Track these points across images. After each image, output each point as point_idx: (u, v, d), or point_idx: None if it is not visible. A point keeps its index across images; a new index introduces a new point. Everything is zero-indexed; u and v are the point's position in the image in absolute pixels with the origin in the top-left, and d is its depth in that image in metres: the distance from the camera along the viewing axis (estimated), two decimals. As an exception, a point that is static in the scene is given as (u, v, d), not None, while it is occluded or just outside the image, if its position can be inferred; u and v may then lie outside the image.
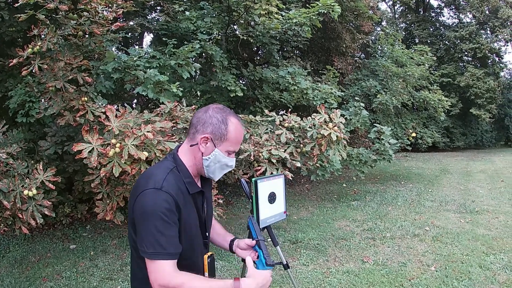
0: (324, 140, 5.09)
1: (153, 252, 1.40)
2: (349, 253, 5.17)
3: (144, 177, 1.51)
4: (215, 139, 1.55)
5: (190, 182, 1.56)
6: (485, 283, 4.16)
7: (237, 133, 1.59)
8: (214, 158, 1.56)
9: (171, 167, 1.54)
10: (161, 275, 1.39)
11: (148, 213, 1.41)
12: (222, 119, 1.56)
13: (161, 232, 1.40)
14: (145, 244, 1.40)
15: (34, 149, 5.36)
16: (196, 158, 1.58)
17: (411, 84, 12.34)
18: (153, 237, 1.39)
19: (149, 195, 1.43)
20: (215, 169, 1.60)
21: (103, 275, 4.57)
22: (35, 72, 4.17)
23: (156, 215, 1.40)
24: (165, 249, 1.40)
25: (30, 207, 3.95)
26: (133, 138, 3.60)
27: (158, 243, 1.39)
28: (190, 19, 6.89)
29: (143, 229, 1.42)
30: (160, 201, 1.41)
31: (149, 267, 1.41)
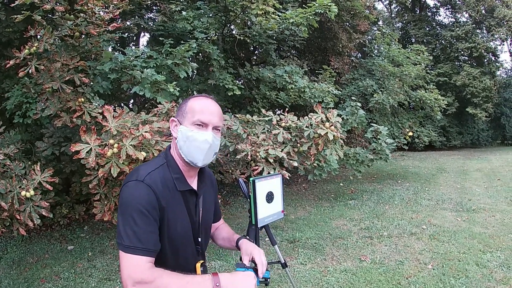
0: (321, 139, 5.11)
1: (128, 245, 1.32)
2: (346, 252, 5.19)
3: (132, 172, 1.47)
4: (179, 118, 1.52)
5: (178, 178, 1.50)
6: (482, 281, 4.18)
7: (198, 103, 1.51)
8: (180, 135, 1.49)
9: (161, 163, 1.50)
10: (137, 270, 1.30)
11: (127, 205, 1.35)
12: (186, 101, 1.54)
13: (139, 225, 1.33)
14: (122, 237, 1.33)
15: (31, 150, 5.35)
16: (176, 147, 1.53)
17: (407, 83, 12.37)
18: (130, 229, 1.33)
19: (130, 187, 1.38)
20: (188, 149, 1.48)
21: (102, 275, 4.57)
22: (32, 73, 4.16)
23: (135, 207, 1.34)
24: (143, 243, 1.33)
25: (27, 208, 3.95)
26: (131, 139, 3.60)
27: (135, 237, 1.32)
28: (187, 19, 6.89)
29: (121, 220, 1.35)
30: (140, 193, 1.36)
31: (123, 261, 1.32)
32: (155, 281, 1.29)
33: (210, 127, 1.49)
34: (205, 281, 1.35)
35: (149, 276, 1.30)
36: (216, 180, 1.85)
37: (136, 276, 1.29)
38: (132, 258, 1.31)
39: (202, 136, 1.47)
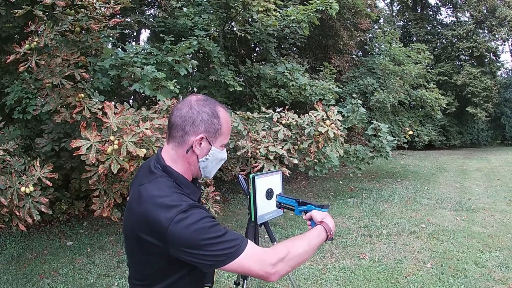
0: (321, 137, 5.11)
1: (234, 250, 1.25)
2: (345, 250, 5.19)
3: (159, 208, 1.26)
4: (209, 137, 1.39)
5: (193, 191, 1.42)
6: (480, 280, 4.19)
7: (229, 124, 1.46)
8: (212, 157, 1.42)
9: (169, 183, 1.35)
10: (262, 255, 1.28)
11: (196, 237, 1.23)
12: (212, 113, 1.38)
13: (221, 234, 1.26)
14: (219, 254, 1.24)
15: (31, 146, 5.34)
16: (191, 163, 1.41)
17: (408, 82, 12.35)
18: (222, 241, 1.25)
19: (183, 221, 1.23)
20: (212, 168, 1.46)
21: (100, 271, 4.57)
22: (33, 68, 4.15)
23: (205, 229, 1.24)
24: (239, 237, 1.29)
25: (27, 204, 3.95)
26: (131, 135, 3.60)
27: (229, 241, 1.26)
28: (188, 15, 6.87)
29: (204, 251, 1.23)
30: (196, 217, 1.25)
31: (244, 263, 1.26)
32: (287, 250, 1.33)
33: None
34: (320, 234, 1.50)
35: (275, 252, 1.31)
36: None
37: (268, 259, 1.28)
38: (247, 252, 1.27)
39: (225, 155, 1.48)
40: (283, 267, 1.30)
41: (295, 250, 1.35)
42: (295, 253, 1.34)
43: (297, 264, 1.37)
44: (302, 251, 1.37)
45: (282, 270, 1.31)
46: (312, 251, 1.42)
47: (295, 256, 1.34)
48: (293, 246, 1.36)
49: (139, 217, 1.30)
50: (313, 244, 1.44)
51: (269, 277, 1.29)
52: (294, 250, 1.34)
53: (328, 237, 1.52)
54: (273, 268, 1.28)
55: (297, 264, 1.37)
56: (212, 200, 4.82)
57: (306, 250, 1.39)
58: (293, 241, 1.40)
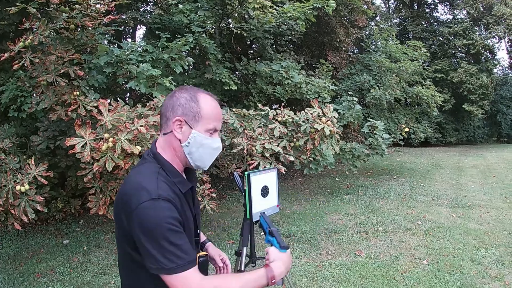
0: (317, 134, 5.11)
1: (175, 266, 1.26)
2: (341, 247, 5.21)
3: (134, 189, 1.31)
4: (188, 120, 1.40)
5: (181, 181, 1.42)
6: (476, 277, 4.21)
7: (212, 107, 1.44)
8: (194, 141, 1.41)
9: (156, 169, 1.38)
10: (195, 284, 1.28)
11: (153, 229, 1.25)
12: (190, 97, 1.40)
13: (174, 243, 1.27)
14: (161, 261, 1.26)
15: (26, 144, 5.32)
16: (176, 149, 1.43)
17: (404, 79, 12.38)
18: (168, 252, 1.26)
19: (149, 208, 1.26)
20: (200, 155, 1.44)
21: (97, 270, 4.57)
22: (27, 66, 4.12)
23: (163, 228, 1.26)
24: (186, 258, 1.28)
25: (22, 203, 3.92)
26: (126, 133, 3.59)
27: (175, 256, 1.26)
28: (184, 12, 6.85)
29: (153, 246, 1.26)
30: (162, 211, 1.27)
31: (173, 282, 1.27)
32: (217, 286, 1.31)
33: (218, 132, 1.48)
34: (261, 278, 1.38)
35: (208, 284, 1.31)
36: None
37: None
38: (185, 275, 1.28)
39: (216, 144, 1.46)
40: None
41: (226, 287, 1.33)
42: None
43: None
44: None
45: None
46: None
47: None
48: (225, 284, 1.33)
49: (119, 196, 1.37)
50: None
51: None
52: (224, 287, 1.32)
53: (268, 283, 1.39)
54: None
55: None
56: (208, 197, 4.82)
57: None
58: (228, 281, 1.36)
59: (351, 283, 4.12)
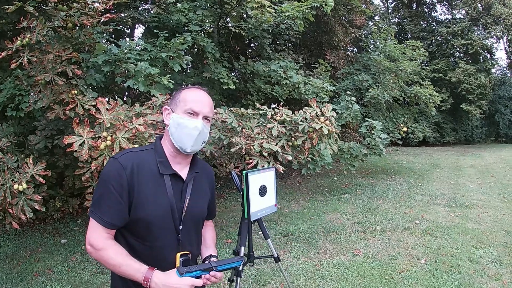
0: (315, 133, 5.10)
1: (92, 210, 1.51)
2: (339, 246, 5.21)
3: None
4: (172, 106, 1.62)
5: (162, 162, 1.58)
6: (474, 276, 4.21)
7: (191, 92, 1.62)
8: (172, 122, 1.58)
9: (149, 148, 1.63)
10: (92, 234, 1.49)
11: (101, 178, 1.51)
12: (180, 91, 1.64)
13: (103, 197, 1.49)
14: (93, 203, 1.52)
15: (24, 143, 5.30)
16: (166, 133, 1.62)
17: (402, 79, 12.40)
18: (97, 199, 1.51)
19: (108, 163, 1.55)
20: (179, 135, 1.56)
21: (95, 269, 4.56)
22: (25, 65, 4.11)
23: (105, 181, 1.49)
24: (101, 213, 1.49)
25: (20, 202, 3.91)
26: (124, 131, 3.57)
27: (98, 204, 1.50)
28: (182, 11, 6.83)
29: (96, 189, 1.53)
30: (112, 170, 1.50)
31: (90, 224, 1.52)
32: (101, 250, 1.47)
33: (201, 116, 1.58)
34: (138, 271, 1.45)
35: (99, 243, 1.48)
36: (213, 176, 1.87)
37: (91, 239, 1.49)
38: (92, 222, 1.51)
39: (192, 124, 1.55)
40: (94, 254, 1.50)
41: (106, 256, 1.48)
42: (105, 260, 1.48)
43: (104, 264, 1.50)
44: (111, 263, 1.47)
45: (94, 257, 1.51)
46: (118, 272, 1.48)
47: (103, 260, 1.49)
48: (107, 251, 1.48)
49: None
50: (123, 270, 1.46)
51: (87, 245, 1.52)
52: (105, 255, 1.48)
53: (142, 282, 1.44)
54: (88, 246, 1.50)
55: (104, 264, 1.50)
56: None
57: (114, 266, 1.47)
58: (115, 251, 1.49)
59: (349, 282, 4.12)
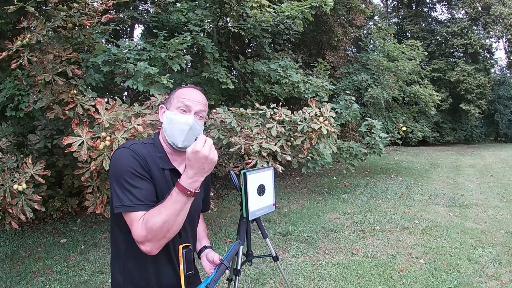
0: (314, 133, 5.11)
1: (128, 204, 1.41)
2: (339, 246, 5.22)
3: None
4: (166, 105, 1.66)
5: (161, 157, 1.58)
6: (473, 275, 4.22)
7: (184, 91, 1.64)
8: (165, 118, 1.61)
9: (146, 142, 1.62)
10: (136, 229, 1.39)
11: (117, 171, 1.45)
12: (174, 90, 1.68)
13: (132, 184, 1.43)
14: (122, 199, 1.42)
15: (24, 143, 5.31)
16: (161, 130, 1.65)
17: (402, 78, 12.41)
18: (125, 191, 1.42)
19: (117, 154, 1.49)
20: (171, 131, 1.57)
21: (94, 268, 4.57)
22: (25, 65, 4.12)
23: (125, 171, 1.43)
24: (142, 200, 1.42)
25: (20, 202, 3.92)
26: (123, 131, 3.58)
27: (131, 195, 1.41)
28: (181, 10, 6.84)
29: (115, 187, 1.44)
30: (127, 158, 1.46)
31: (129, 219, 1.42)
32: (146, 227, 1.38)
33: (192, 112, 1.60)
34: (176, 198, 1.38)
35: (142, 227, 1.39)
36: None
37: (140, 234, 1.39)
38: (133, 216, 1.41)
39: (183, 119, 1.57)
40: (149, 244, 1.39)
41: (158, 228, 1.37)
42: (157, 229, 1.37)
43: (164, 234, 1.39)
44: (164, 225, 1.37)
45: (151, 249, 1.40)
46: (175, 218, 1.39)
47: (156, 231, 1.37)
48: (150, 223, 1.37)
49: None
50: (175, 212, 1.38)
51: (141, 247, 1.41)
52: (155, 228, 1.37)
53: (189, 194, 1.39)
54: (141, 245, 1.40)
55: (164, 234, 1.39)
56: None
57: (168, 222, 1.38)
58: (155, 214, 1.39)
59: (348, 282, 4.13)
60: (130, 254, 1.55)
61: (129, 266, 1.56)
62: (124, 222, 1.47)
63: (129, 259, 1.56)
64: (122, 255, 1.57)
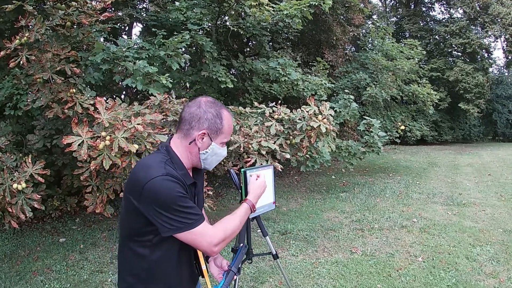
0: (313, 132, 5.12)
1: (192, 222, 1.50)
2: (337, 244, 5.23)
3: (142, 169, 1.52)
4: (211, 133, 1.63)
5: (184, 174, 1.59)
6: (471, 274, 4.24)
7: (230, 125, 1.69)
8: (211, 151, 1.65)
9: (164, 159, 1.56)
10: (211, 235, 1.53)
11: (166, 199, 1.46)
12: (216, 114, 1.63)
13: (186, 206, 1.49)
14: (180, 221, 1.48)
15: (22, 142, 5.30)
16: (192, 153, 1.64)
17: (400, 77, 12.43)
18: (184, 213, 1.48)
19: (158, 183, 1.46)
20: (211, 161, 1.69)
21: (93, 268, 4.57)
22: (23, 63, 4.11)
23: (175, 197, 1.46)
24: (199, 214, 1.53)
25: (19, 201, 3.92)
26: (123, 131, 3.59)
27: (191, 214, 1.50)
28: (180, 9, 6.84)
29: (169, 212, 1.47)
30: (171, 185, 1.47)
31: (196, 236, 1.51)
32: (224, 234, 1.57)
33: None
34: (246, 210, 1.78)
35: (219, 229, 1.58)
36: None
37: (215, 238, 1.54)
38: (201, 228, 1.52)
39: (224, 152, 1.73)
40: (221, 246, 1.57)
41: (231, 232, 1.61)
42: (230, 234, 1.61)
43: (233, 237, 1.65)
44: (235, 230, 1.65)
45: (220, 249, 1.57)
46: (240, 226, 1.69)
47: (229, 236, 1.60)
48: (230, 229, 1.61)
49: (128, 178, 1.59)
50: (242, 221, 1.71)
51: (211, 254, 1.57)
52: (230, 233, 1.60)
53: (252, 211, 1.82)
54: (215, 248, 1.54)
55: (233, 237, 1.65)
56: (205, 194, 4.83)
57: (238, 227, 1.67)
58: (228, 223, 1.64)
59: (347, 280, 4.14)
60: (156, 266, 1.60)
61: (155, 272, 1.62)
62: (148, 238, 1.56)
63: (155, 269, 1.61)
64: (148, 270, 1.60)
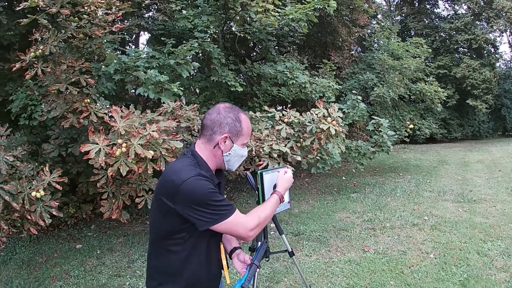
0: (323, 134, 5.19)
1: (227, 212, 1.64)
2: (350, 243, 5.28)
3: (174, 173, 1.64)
4: (232, 136, 1.76)
5: (211, 175, 1.72)
6: (483, 268, 4.27)
7: (249, 127, 1.84)
8: (234, 153, 1.79)
9: (192, 163, 1.70)
10: (245, 221, 1.69)
11: (202, 196, 1.59)
12: (235, 118, 1.77)
13: (219, 199, 1.64)
14: (215, 213, 1.62)
15: (37, 151, 5.43)
16: (216, 156, 1.78)
17: (407, 76, 12.43)
18: (218, 206, 1.62)
19: (193, 183, 1.59)
20: (234, 162, 1.84)
21: (111, 272, 4.66)
22: (39, 75, 4.24)
23: (208, 193, 1.60)
24: (230, 205, 1.68)
25: (38, 208, 4.04)
26: (138, 138, 3.69)
27: (224, 206, 1.65)
28: (187, 17, 6.95)
29: (204, 209, 1.60)
30: (204, 183, 1.61)
31: (233, 224, 1.66)
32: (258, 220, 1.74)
33: None
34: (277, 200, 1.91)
35: (252, 216, 1.74)
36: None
37: (250, 224, 1.70)
38: (235, 217, 1.67)
39: (245, 152, 1.87)
40: (256, 231, 1.72)
41: (264, 218, 1.78)
42: (264, 220, 1.78)
43: (266, 224, 1.84)
44: (268, 217, 1.83)
45: (255, 234, 1.72)
46: (271, 214, 1.86)
47: (263, 222, 1.77)
48: (263, 216, 1.78)
49: (160, 181, 1.72)
50: (273, 210, 1.87)
51: (247, 238, 1.71)
52: (263, 219, 1.78)
53: (281, 201, 1.96)
54: (250, 232, 1.69)
55: (266, 224, 1.84)
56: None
57: (270, 215, 1.85)
58: (261, 210, 1.81)
59: (361, 278, 4.19)
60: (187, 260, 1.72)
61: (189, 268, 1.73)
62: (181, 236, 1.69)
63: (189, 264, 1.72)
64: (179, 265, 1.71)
